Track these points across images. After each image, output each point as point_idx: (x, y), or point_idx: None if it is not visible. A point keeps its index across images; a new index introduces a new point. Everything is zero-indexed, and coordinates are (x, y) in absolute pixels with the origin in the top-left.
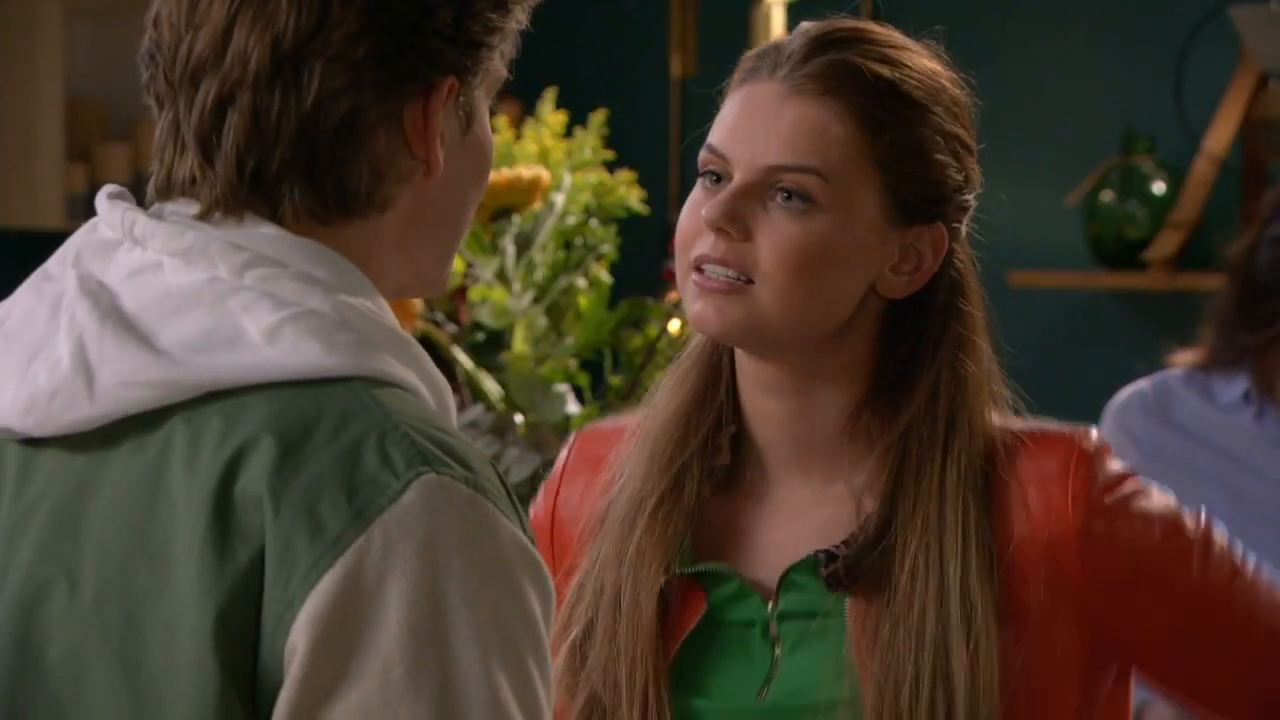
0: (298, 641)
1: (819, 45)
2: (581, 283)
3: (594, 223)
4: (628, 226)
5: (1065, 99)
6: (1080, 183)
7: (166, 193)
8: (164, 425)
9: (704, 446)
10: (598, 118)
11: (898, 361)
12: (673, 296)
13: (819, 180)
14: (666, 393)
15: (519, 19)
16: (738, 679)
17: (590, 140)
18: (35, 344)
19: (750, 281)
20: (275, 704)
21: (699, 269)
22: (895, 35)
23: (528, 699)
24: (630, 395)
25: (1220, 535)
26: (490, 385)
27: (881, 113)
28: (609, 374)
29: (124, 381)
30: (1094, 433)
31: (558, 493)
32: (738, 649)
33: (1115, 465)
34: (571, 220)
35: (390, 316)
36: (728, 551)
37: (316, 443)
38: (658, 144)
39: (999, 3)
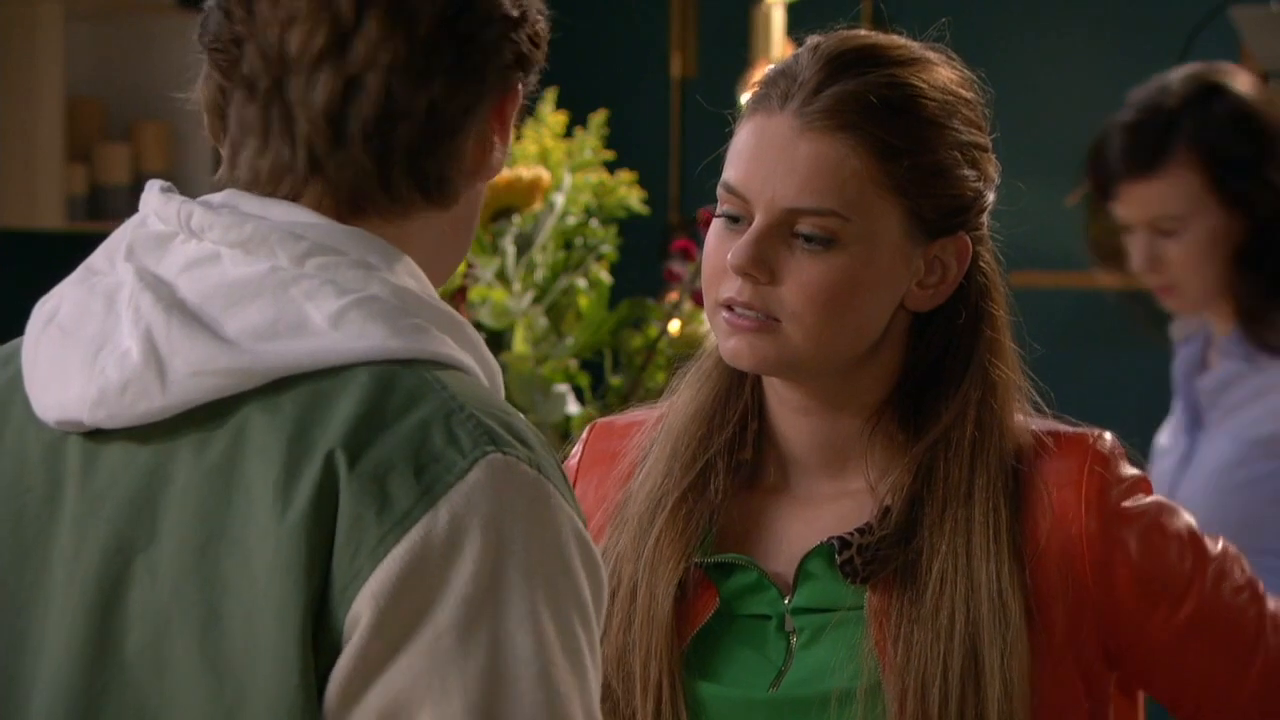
0: (361, 612)
1: (830, 73)
2: (581, 283)
3: (594, 223)
4: (628, 227)
5: (1065, 99)
6: (1080, 183)
7: (249, 184)
8: (235, 414)
9: (729, 443)
10: (598, 118)
11: (925, 367)
12: (672, 297)
13: (839, 220)
14: (688, 390)
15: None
16: (751, 670)
17: (590, 140)
18: (97, 338)
19: (779, 320)
20: (331, 670)
21: (728, 308)
22: (907, 48)
23: (578, 675)
24: (631, 396)
25: (1240, 563)
26: None
27: (897, 140)
28: (609, 374)
29: (196, 371)
30: (1108, 436)
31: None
32: (752, 641)
33: (1129, 469)
34: (571, 220)
35: (441, 300)
36: (748, 544)
37: (385, 421)
38: (658, 144)
39: (999, 3)
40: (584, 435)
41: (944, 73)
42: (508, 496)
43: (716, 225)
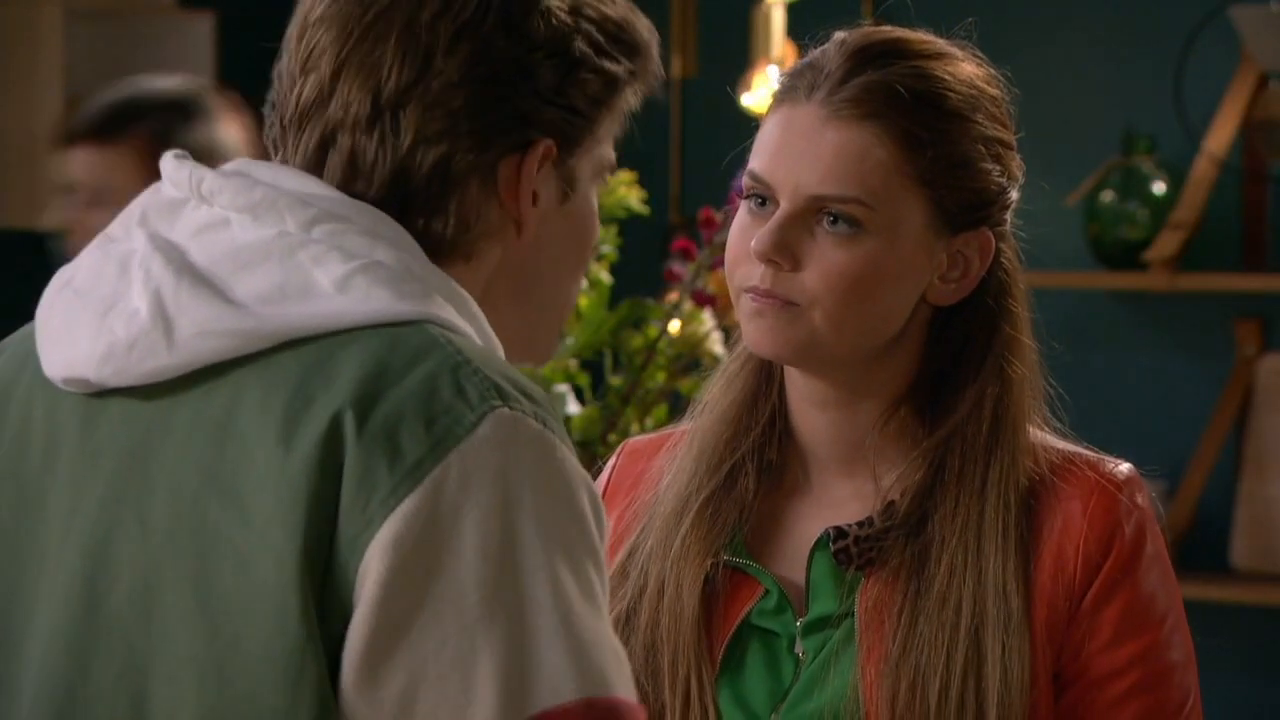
0: (371, 564)
1: (856, 64)
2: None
3: None
4: (628, 226)
5: (1065, 99)
6: (1080, 183)
7: None
8: (234, 372)
9: (756, 445)
10: None
11: (943, 362)
12: (672, 297)
13: (863, 208)
14: (716, 392)
15: (630, 101)
16: (761, 688)
17: None
18: (108, 298)
19: (801, 306)
20: (347, 626)
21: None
22: (932, 43)
23: (599, 618)
24: (631, 396)
25: (1187, 633)
26: None
27: (922, 130)
28: (609, 374)
29: (202, 331)
30: (1126, 465)
31: None
32: (766, 657)
33: (1140, 500)
34: None
35: (445, 274)
36: (770, 547)
37: (393, 376)
38: (658, 144)
39: (997, 3)
40: (614, 457)
41: (969, 68)
42: (515, 450)
43: (741, 212)
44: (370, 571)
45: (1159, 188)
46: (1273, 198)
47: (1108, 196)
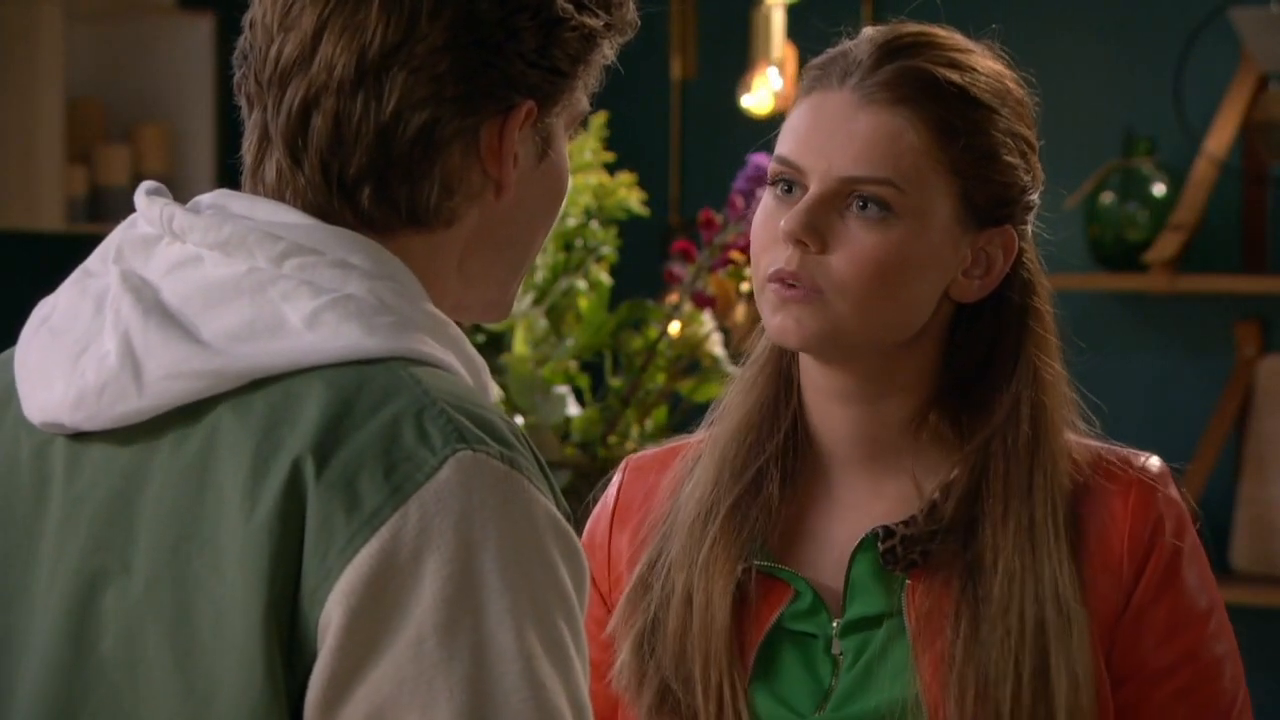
0: (333, 614)
1: (887, 52)
2: (581, 284)
3: (594, 224)
4: (628, 228)
5: (1065, 100)
6: (1080, 185)
7: (254, 187)
8: (209, 414)
9: (779, 450)
10: (598, 119)
11: (972, 364)
12: (672, 298)
13: (894, 190)
14: (734, 398)
15: (605, 53)
16: (800, 689)
17: (590, 142)
18: (82, 339)
19: (825, 291)
20: (310, 677)
21: (777, 280)
22: (959, 38)
23: (563, 667)
24: (631, 397)
25: (1229, 626)
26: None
27: (954, 118)
28: (609, 376)
29: (170, 373)
30: (1154, 460)
31: (610, 540)
32: (802, 659)
33: (1174, 493)
34: (572, 222)
35: (427, 300)
36: (794, 551)
37: (356, 420)
38: (658, 145)
39: (998, 4)
40: (619, 475)
41: (994, 63)
42: (479, 494)
43: (767, 198)
44: (331, 622)
45: (1159, 189)
46: (1273, 199)
47: (1108, 198)
